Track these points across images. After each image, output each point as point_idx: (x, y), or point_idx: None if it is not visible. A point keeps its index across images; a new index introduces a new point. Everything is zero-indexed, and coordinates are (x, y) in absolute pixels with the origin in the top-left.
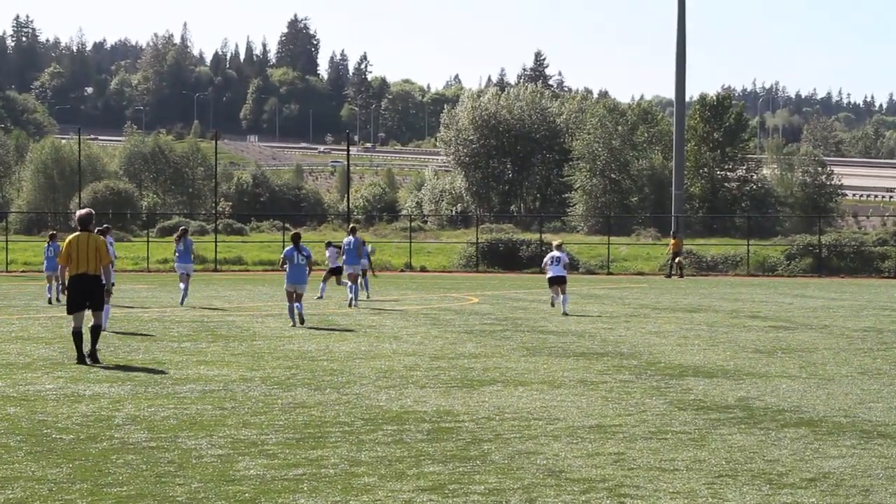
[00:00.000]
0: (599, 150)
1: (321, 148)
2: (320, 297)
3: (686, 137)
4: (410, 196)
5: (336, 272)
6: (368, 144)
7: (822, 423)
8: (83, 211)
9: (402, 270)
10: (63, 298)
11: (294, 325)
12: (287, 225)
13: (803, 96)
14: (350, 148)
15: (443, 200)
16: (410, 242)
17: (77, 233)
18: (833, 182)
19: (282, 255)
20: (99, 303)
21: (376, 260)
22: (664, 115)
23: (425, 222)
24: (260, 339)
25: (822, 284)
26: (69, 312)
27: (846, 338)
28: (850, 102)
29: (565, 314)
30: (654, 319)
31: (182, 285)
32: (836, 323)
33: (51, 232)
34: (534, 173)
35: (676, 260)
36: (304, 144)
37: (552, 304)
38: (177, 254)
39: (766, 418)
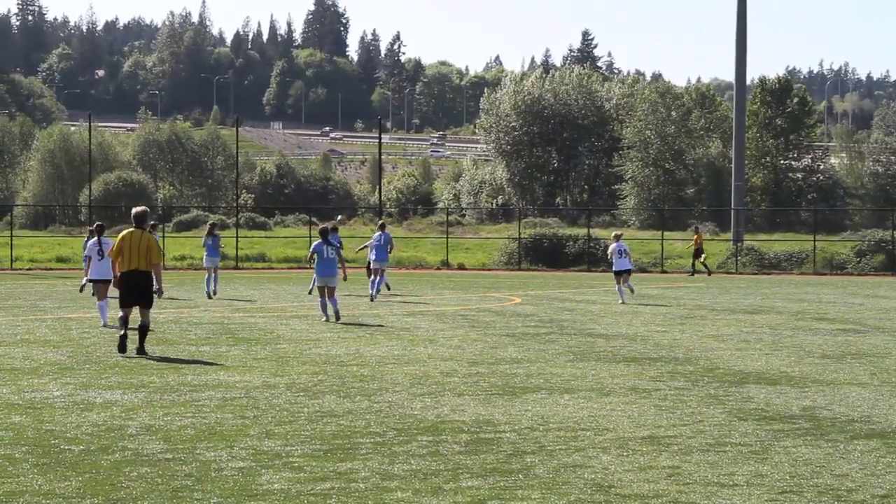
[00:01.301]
0: (652, 137)
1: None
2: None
3: (747, 124)
4: (447, 188)
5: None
6: (436, 135)
7: (895, 435)
8: (139, 209)
9: (438, 268)
10: (86, 290)
11: (327, 321)
12: (314, 219)
13: (875, 78)
14: (383, 135)
15: (482, 192)
16: (447, 238)
17: (131, 229)
18: None
19: (310, 250)
20: (149, 301)
21: (409, 257)
22: (723, 99)
23: (463, 216)
24: (284, 343)
25: (895, 284)
26: (122, 307)
27: None
28: None
29: (623, 303)
30: (712, 321)
31: (209, 276)
32: None
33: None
34: (581, 163)
35: (702, 258)
36: (328, 131)
37: (622, 296)
38: (206, 249)
39: (833, 429)
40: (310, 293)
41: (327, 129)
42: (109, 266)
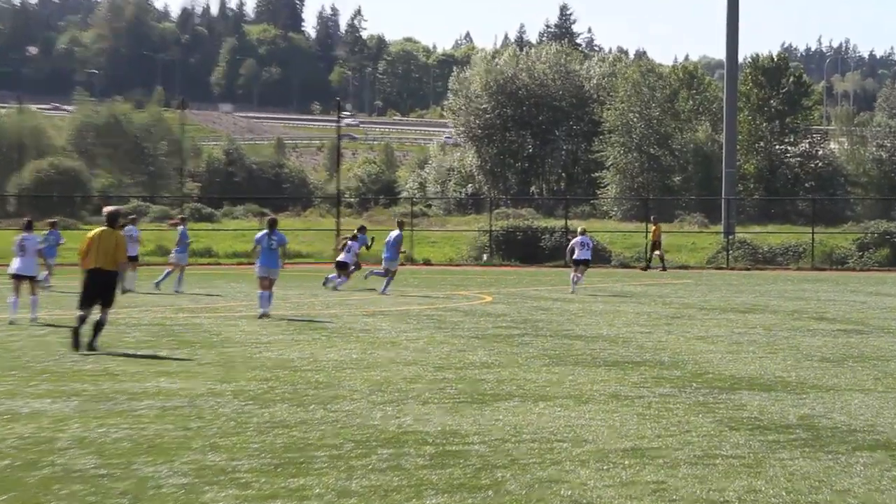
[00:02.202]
0: (635, 120)
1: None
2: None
3: (738, 106)
4: (412, 175)
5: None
6: (348, 114)
7: None
8: (111, 209)
9: (401, 264)
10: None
11: (263, 316)
12: (266, 210)
13: (878, 56)
14: (341, 118)
15: (450, 180)
16: (412, 230)
17: (101, 228)
18: None
19: (254, 240)
20: (110, 300)
21: (369, 251)
22: (712, 79)
23: (429, 206)
24: (232, 346)
25: None
26: (81, 307)
27: None
28: None
29: (573, 293)
30: (701, 322)
31: (167, 270)
32: None
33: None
34: (558, 148)
35: (656, 252)
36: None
37: (575, 283)
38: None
39: (834, 440)
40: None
41: (317, 107)
42: (32, 263)
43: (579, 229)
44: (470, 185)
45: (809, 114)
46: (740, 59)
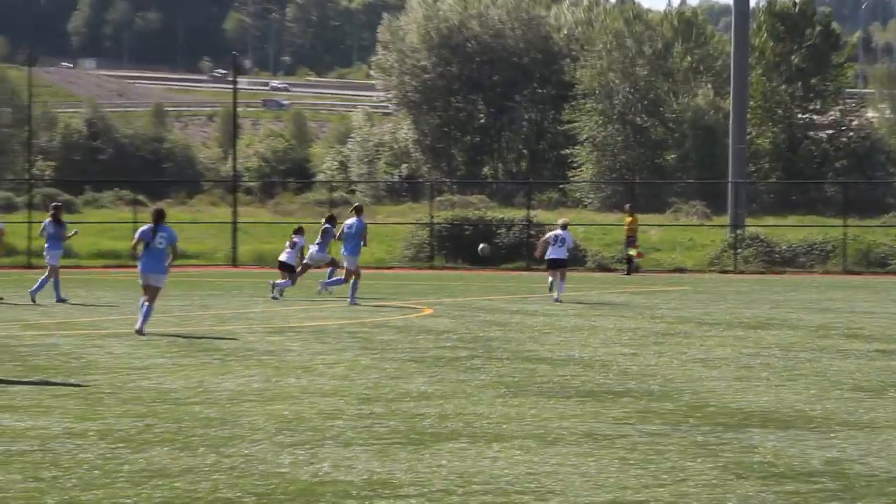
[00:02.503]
0: (618, 82)
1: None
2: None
3: (750, 63)
4: (330, 153)
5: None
6: (278, 81)
7: None
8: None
9: (318, 267)
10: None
11: (138, 332)
12: (140, 197)
13: None
14: (239, 78)
15: (380, 159)
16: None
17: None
18: None
19: (135, 237)
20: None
21: (274, 249)
22: (716, 29)
23: (353, 192)
24: (98, 373)
25: None
26: None
27: None
28: None
29: (558, 301)
30: (701, 340)
31: (43, 278)
32: None
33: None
34: (518, 118)
35: (633, 249)
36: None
37: (550, 289)
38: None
39: (870, 491)
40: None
41: (208, 63)
42: None
43: (559, 221)
44: (405, 165)
45: (841, 73)
46: (752, 3)
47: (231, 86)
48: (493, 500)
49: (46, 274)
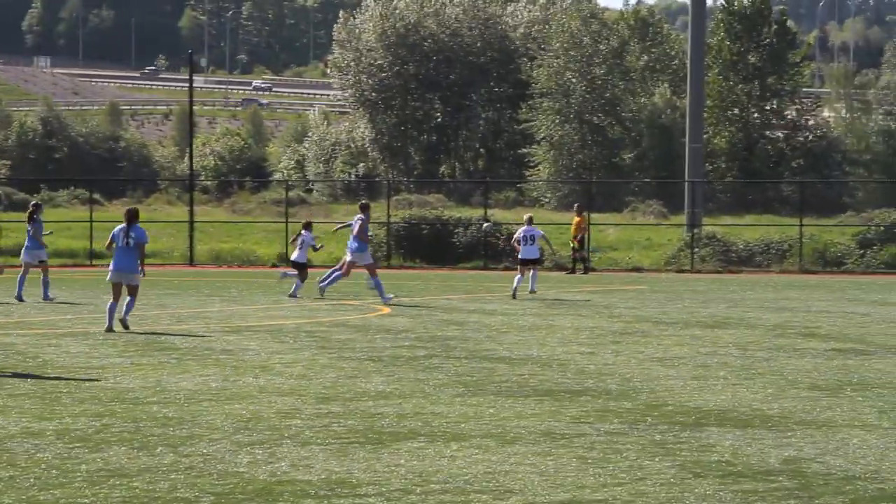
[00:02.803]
0: (575, 81)
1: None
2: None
3: (707, 62)
4: (287, 152)
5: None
6: (262, 80)
7: None
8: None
9: (273, 265)
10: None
11: (108, 330)
12: (97, 195)
13: (886, 0)
14: (195, 77)
15: (336, 158)
16: (287, 222)
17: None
18: None
19: (110, 236)
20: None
21: (232, 249)
22: (673, 28)
23: (310, 192)
24: (54, 372)
25: None
26: None
27: None
28: None
29: (533, 291)
30: (658, 339)
31: (20, 276)
32: None
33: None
34: (475, 116)
35: (582, 251)
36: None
37: (514, 295)
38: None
39: (827, 490)
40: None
41: (163, 61)
42: None
43: (526, 216)
44: (362, 164)
45: (798, 73)
46: (710, 2)
47: (187, 84)
48: (451, 499)
49: (43, 274)
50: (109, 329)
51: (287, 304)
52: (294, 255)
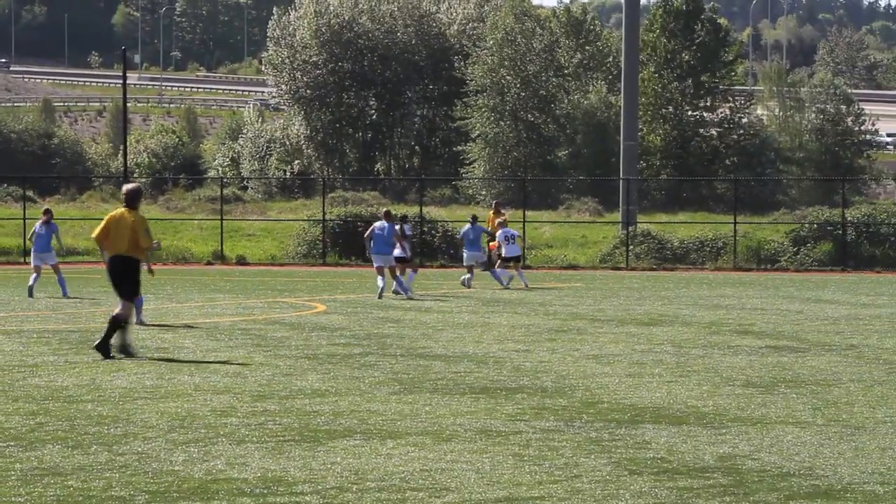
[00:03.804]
0: (509, 78)
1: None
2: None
3: (641, 60)
4: (222, 149)
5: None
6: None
7: (846, 494)
8: (131, 186)
9: (208, 263)
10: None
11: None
12: (30, 193)
13: None
14: (129, 74)
15: (271, 155)
16: (222, 219)
17: (121, 209)
18: (864, 127)
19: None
20: (128, 291)
21: (168, 247)
22: (607, 26)
23: (245, 189)
24: None
25: (846, 283)
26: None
27: (883, 364)
28: (889, 6)
29: (526, 287)
30: (593, 337)
31: (33, 276)
32: (867, 342)
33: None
34: (410, 114)
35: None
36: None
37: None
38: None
39: (762, 486)
40: None
41: (96, 58)
42: None
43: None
44: (297, 161)
45: (731, 70)
46: (643, 1)
47: (120, 81)
48: (387, 497)
49: (56, 273)
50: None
51: (221, 300)
52: (397, 252)
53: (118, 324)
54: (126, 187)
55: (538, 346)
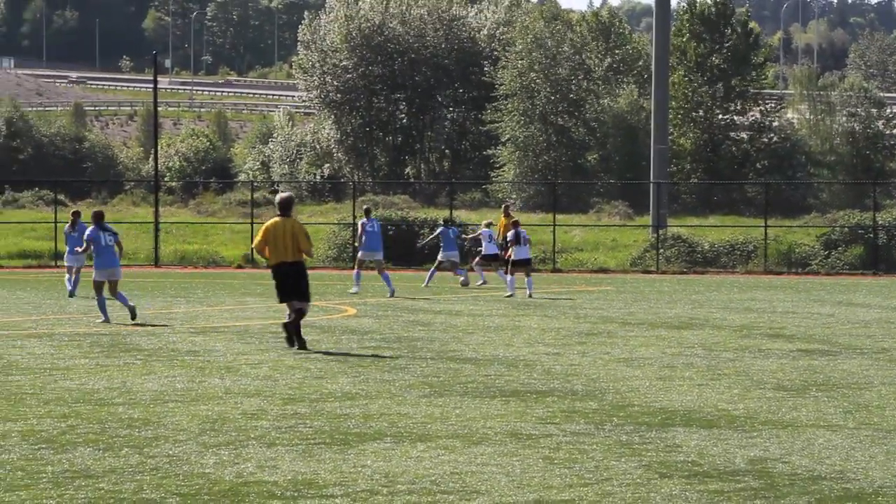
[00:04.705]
0: (539, 82)
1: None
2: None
3: (671, 64)
4: (252, 153)
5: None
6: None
7: (878, 498)
8: (284, 195)
9: (239, 266)
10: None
11: (106, 321)
12: (62, 197)
13: (849, 1)
14: (159, 78)
15: (302, 160)
16: (252, 223)
17: (276, 218)
18: (895, 131)
19: (85, 238)
20: (302, 293)
21: (197, 250)
22: (637, 29)
23: (274, 193)
24: (18, 373)
25: (877, 287)
26: (280, 302)
27: None
28: None
29: (531, 297)
30: (624, 340)
31: (70, 278)
32: None
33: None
34: (440, 118)
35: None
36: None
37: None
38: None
39: (793, 490)
40: None
41: (127, 63)
42: None
43: (483, 223)
44: (327, 165)
45: (761, 74)
46: (673, 3)
47: (151, 85)
48: (417, 500)
49: (75, 275)
50: (107, 321)
51: (252, 303)
52: (489, 250)
53: (302, 315)
54: (279, 196)
55: (569, 350)
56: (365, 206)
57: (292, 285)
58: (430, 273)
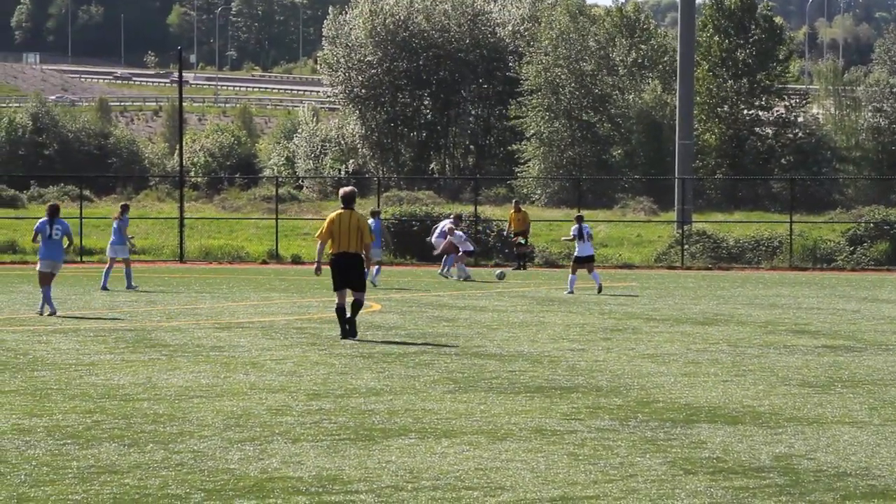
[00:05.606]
0: (564, 77)
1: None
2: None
3: (696, 59)
4: (277, 148)
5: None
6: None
7: None
8: (347, 188)
9: (263, 262)
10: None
11: (53, 314)
12: (87, 192)
13: None
14: (184, 74)
15: (326, 155)
16: (277, 219)
17: (340, 210)
18: None
19: (34, 228)
20: (359, 283)
21: (223, 245)
22: (662, 25)
23: (300, 188)
24: (45, 369)
25: None
26: (335, 290)
27: None
28: None
29: (600, 291)
30: (649, 336)
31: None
32: None
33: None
34: (465, 113)
35: (517, 248)
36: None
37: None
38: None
39: (818, 486)
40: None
41: (152, 58)
42: None
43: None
44: (352, 160)
45: (786, 69)
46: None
47: (176, 80)
48: (442, 496)
49: (125, 267)
50: (44, 314)
51: (276, 299)
52: (581, 251)
53: (360, 306)
54: (343, 190)
55: (593, 346)
56: (371, 209)
57: (353, 275)
58: (445, 263)
